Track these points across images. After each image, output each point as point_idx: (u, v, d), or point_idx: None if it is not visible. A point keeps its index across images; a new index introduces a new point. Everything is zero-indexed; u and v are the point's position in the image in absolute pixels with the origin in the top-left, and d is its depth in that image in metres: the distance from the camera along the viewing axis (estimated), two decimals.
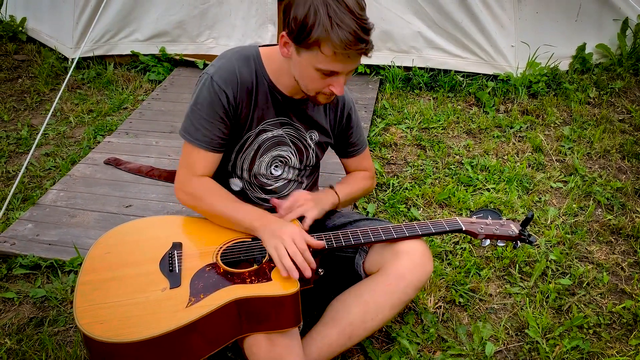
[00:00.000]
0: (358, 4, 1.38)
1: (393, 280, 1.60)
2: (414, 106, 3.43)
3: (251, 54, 1.61)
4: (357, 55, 1.41)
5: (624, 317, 1.98)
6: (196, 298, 1.37)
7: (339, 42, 1.36)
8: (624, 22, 3.74)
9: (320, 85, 1.50)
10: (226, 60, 1.59)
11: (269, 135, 1.68)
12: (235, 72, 1.56)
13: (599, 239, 2.36)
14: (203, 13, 3.75)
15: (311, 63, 1.44)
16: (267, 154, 1.70)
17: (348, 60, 1.42)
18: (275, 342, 1.42)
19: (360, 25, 1.36)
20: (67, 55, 3.94)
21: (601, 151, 2.98)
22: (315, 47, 1.39)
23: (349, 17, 1.35)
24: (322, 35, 1.36)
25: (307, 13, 1.36)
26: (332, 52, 1.38)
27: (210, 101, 1.55)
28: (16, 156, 2.97)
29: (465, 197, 2.58)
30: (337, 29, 1.35)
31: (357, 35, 1.36)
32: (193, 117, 1.58)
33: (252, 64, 1.60)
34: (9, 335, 1.88)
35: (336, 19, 1.34)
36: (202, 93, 1.56)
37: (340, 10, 1.35)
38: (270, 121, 1.66)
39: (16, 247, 2.20)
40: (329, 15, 1.35)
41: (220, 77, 1.55)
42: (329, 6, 1.35)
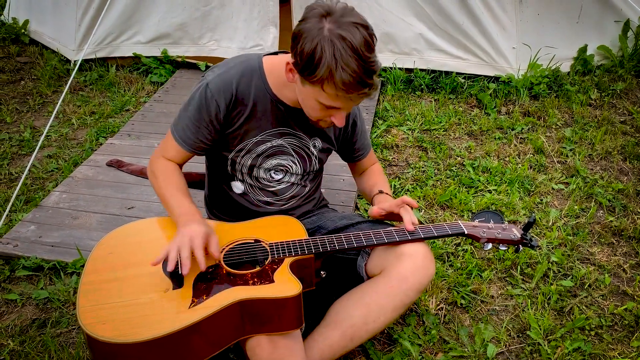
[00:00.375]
0: (366, 44, 1.36)
1: (395, 282, 1.60)
2: (415, 108, 3.43)
3: (254, 66, 1.62)
4: (359, 97, 1.42)
5: (625, 319, 1.98)
6: (199, 299, 1.38)
7: (342, 85, 1.36)
8: (625, 23, 3.74)
9: (322, 115, 1.52)
10: (226, 69, 1.61)
11: (268, 146, 1.69)
12: (231, 83, 1.58)
13: (601, 241, 2.36)
14: (205, 15, 3.76)
15: (314, 96, 1.45)
16: (265, 162, 1.71)
17: (350, 100, 1.43)
18: (277, 344, 1.42)
19: (365, 68, 1.35)
20: (69, 58, 3.95)
21: (603, 153, 2.98)
22: (318, 84, 1.40)
23: (354, 60, 1.34)
24: (326, 75, 1.36)
25: (314, 49, 1.35)
26: (334, 93, 1.39)
27: (200, 106, 1.59)
28: (19, 158, 2.98)
29: (466, 198, 2.58)
30: (341, 71, 1.34)
31: (361, 79, 1.36)
32: (182, 115, 1.64)
33: (253, 76, 1.61)
34: (11, 336, 1.89)
35: (341, 61, 1.33)
36: (195, 96, 1.60)
37: (346, 52, 1.33)
38: (270, 132, 1.67)
39: (19, 249, 2.21)
40: (334, 56, 1.34)
41: (215, 86, 1.58)
42: (335, 47, 1.33)
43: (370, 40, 1.37)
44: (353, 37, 1.34)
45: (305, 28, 1.38)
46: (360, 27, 1.36)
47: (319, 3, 1.42)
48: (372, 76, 1.38)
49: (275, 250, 1.54)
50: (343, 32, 1.34)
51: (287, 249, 1.55)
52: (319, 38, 1.35)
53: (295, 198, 1.82)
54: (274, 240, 1.58)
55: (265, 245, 1.57)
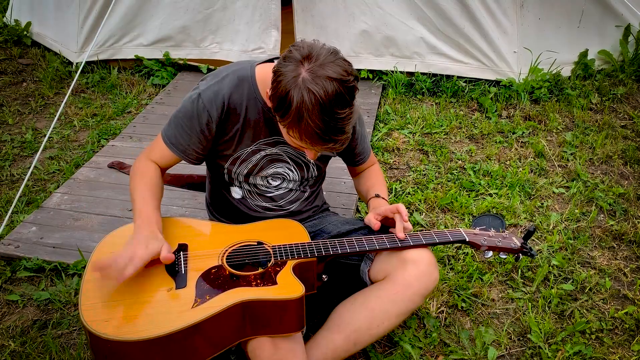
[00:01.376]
0: (337, 99, 1.32)
1: (400, 288, 1.60)
2: (416, 111, 3.44)
3: (246, 76, 1.62)
4: (323, 150, 1.42)
5: (626, 323, 1.98)
6: (202, 299, 1.38)
7: (305, 136, 1.37)
8: (626, 28, 3.75)
9: (295, 146, 1.51)
10: (219, 80, 1.61)
11: (263, 154, 1.69)
12: (223, 94, 1.59)
13: (602, 245, 2.36)
14: (207, 18, 3.77)
15: (285, 130, 1.45)
16: (262, 171, 1.72)
17: (314, 150, 1.45)
18: (278, 346, 1.42)
19: (330, 126, 1.34)
20: (71, 60, 3.96)
21: (603, 157, 2.98)
22: (285, 127, 1.41)
23: (320, 115, 1.32)
24: (291, 123, 1.36)
25: (285, 95, 1.34)
26: (299, 138, 1.40)
27: (191, 115, 1.60)
28: (20, 159, 2.98)
29: (467, 202, 2.59)
30: (306, 124, 1.33)
31: (326, 135, 1.35)
32: (174, 122, 1.65)
33: (245, 87, 1.61)
34: (12, 337, 1.89)
35: (306, 115, 1.32)
36: (186, 104, 1.61)
37: (314, 107, 1.31)
38: (263, 141, 1.67)
39: (20, 250, 2.21)
40: (300, 109, 1.32)
41: (207, 97, 1.58)
42: (303, 99, 1.31)
43: (345, 95, 1.34)
44: (323, 93, 1.30)
45: (282, 71, 1.36)
46: (335, 82, 1.32)
47: (304, 43, 1.40)
48: (338, 132, 1.36)
49: (278, 252, 1.55)
50: (314, 86, 1.31)
51: (290, 251, 1.55)
52: (291, 85, 1.33)
53: (295, 203, 1.82)
54: (277, 243, 1.58)
55: (268, 248, 1.57)
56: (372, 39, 3.63)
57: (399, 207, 1.66)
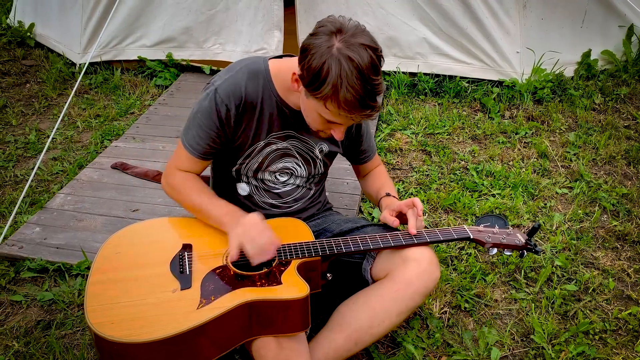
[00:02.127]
0: (373, 66, 1.37)
1: (401, 286, 1.60)
2: (419, 112, 3.44)
3: (260, 69, 1.62)
4: (361, 118, 1.44)
5: (629, 323, 1.98)
6: (207, 300, 1.38)
7: (344, 105, 1.38)
8: (629, 28, 3.74)
9: (322, 127, 1.54)
10: (234, 73, 1.61)
11: (274, 148, 1.69)
12: (240, 87, 1.59)
13: (605, 245, 2.36)
14: (210, 19, 3.77)
15: (316, 109, 1.47)
16: (272, 165, 1.72)
17: (351, 120, 1.46)
18: (283, 346, 1.43)
19: (369, 91, 1.37)
20: (74, 61, 3.97)
21: (606, 157, 2.98)
22: (321, 100, 1.41)
23: (358, 82, 1.35)
24: (330, 93, 1.37)
25: (321, 67, 1.36)
26: (336, 111, 1.41)
27: (210, 112, 1.59)
28: (24, 160, 2.99)
29: (470, 202, 2.58)
30: (345, 91, 1.35)
31: (364, 101, 1.37)
32: (192, 123, 1.64)
33: (260, 79, 1.61)
34: (16, 338, 1.89)
35: (346, 82, 1.34)
36: (204, 103, 1.60)
37: (352, 73, 1.34)
38: (276, 134, 1.68)
39: (24, 251, 2.22)
40: (340, 76, 1.35)
41: (224, 90, 1.58)
42: (342, 67, 1.34)
43: (377, 63, 1.38)
44: (360, 59, 1.34)
45: (314, 43, 1.39)
46: (369, 49, 1.37)
47: (332, 19, 1.43)
48: (376, 98, 1.39)
49: (283, 252, 1.55)
50: (351, 53, 1.34)
51: (294, 251, 1.55)
52: (327, 56, 1.36)
53: (301, 201, 1.82)
54: (281, 242, 1.58)
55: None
56: None
57: (414, 201, 1.66)
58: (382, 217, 1.73)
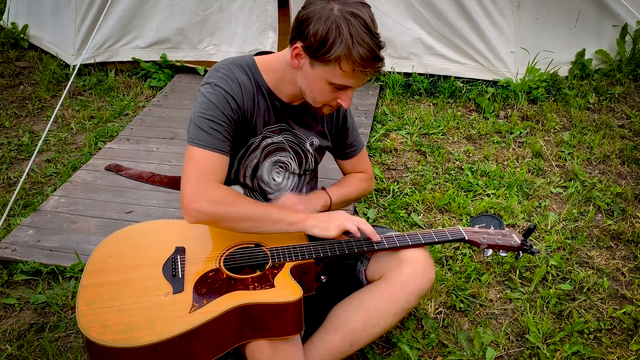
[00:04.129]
0: (373, 21, 1.43)
1: (396, 288, 1.60)
2: (414, 112, 3.44)
3: (247, 63, 1.61)
4: (373, 72, 1.46)
5: (624, 322, 1.98)
6: (199, 304, 1.38)
7: (359, 60, 1.40)
8: (623, 28, 3.75)
9: (329, 98, 1.54)
10: (225, 69, 1.58)
11: (269, 142, 1.68)
12: (237, 79, 1.56)
13: (599, 244, 2.36)
14: (204, 20, 3.76)
15: (325, 77, 1.47)
16: (268, 159, 1.71)
17: (363, 77, 1.47)
18: (277, 349, 1.42)
19: (377, 43, 1.42)
20: (68, 62, 3.96)
21: (601, 156, 2.98)
22: (334, 63, 1.42)
23: (367, 36, 1.39)
24: (344, 52, 1.40)
25: (328, 29, 1.39)
26: (350, 69, 1.43)
27: (218, 105, 1.50)
28: (17, 162, 2.98)
29: (465, 202, 2.58)
30: (358, 46, 1.38)
31: (375, 53, 1.41)
32: (202, 124, 1.50)
33: (249, 73, 1.60)
34: (9, 341, 1.88)
35: (357, 37, 1.38)
36: (207, 99, 1.51)
37: (361, 28, 1.38)
38: (271, 127, 1.67)
39: (17, 253, 2.21)
40: (350, 33, 1.38)
41: (225, 83, 1.54)
42: (350, 24, 1.38)
43: (374, 18, 1.45)
44: (363, 15, 1.40)
45: (313, 11, 1.42)
46: (365, 7, 1.43)
47: None
48: (382, 51, 1.44)
49: (276, 254, 1.54)
50: (355, 10, 1.39)
51: (287, 253, 1.54)
52: (332, 18, 1.39)
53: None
54: (274, 245, 1.58)
55: (265, 250, 1.56)
56: None
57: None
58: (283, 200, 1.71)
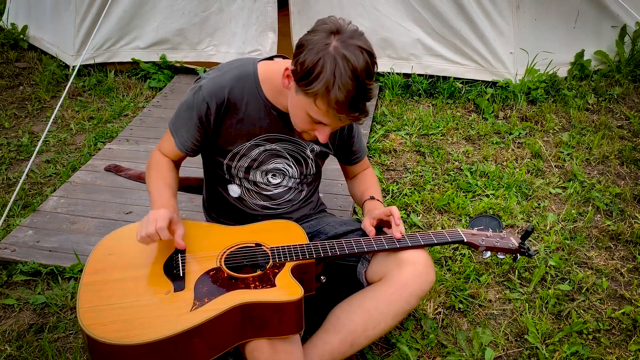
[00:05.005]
0: (367, 70, 1.37)
1: (396, 289, 1.60)
2: (413, 113, 3.44)
3: (248, 72, 1.63)
4: (350, 119, 1.43)
5: (623, 323, 1.98)
6: (200, 302, 1.38)
7: (334, 104, 1.37)
8: (622, 28, 3.76)
9: (307, 127, 1.53)
10: (221, 74, 1.63)
11: (261, 150, 1.70)
12: (224, 88, 1.60)
13: (598, 245, 2.37)
14: (203, 21, 3.77)
15: (304, 107, 1.46)
16: (261, 166, 1.72)
17: (339, 120, 1.44)
18: (277, 348, 1.42)
19: (360, 93, 1.37)
20: (68, 63, 3.96)
21: (600, 157, 2.99)
22: (312, 96, 1.41)
23: (351, 82, 1.35)
24: (321, 90, 1.37)
25: (315, 63, 1.36)
26: (325, 109, 1.41)
27: (191, 107, 1.63)
28: (17, 163, 2.98)
29: (464, 203, 2.59)
30: (337, 90, 1.35)
31: (354, 102, 1.38)
32: (177, 114, 1.69)
33: (247, 82, 1.62)
34: (9, 341, 1.88)
35: (339, 81, 1.35)
36: (188, 96, 1.65)
37: (346, 72, 1.34)
38: (264, 137, 1.68)
39: (16, 254, 2.21)
40: (334, 74, 1.35)
41: (208, 89, 1.60)
42: (337, 65, 1.35)
43: (372, 68, 1.39)
44: (356, 60, 1.35)
45: (311, 40, 1.39)
46: (365, 53, 1.37)
47: (332, 19, 1.43)
48: (366, 102, 1.40)
49: (277, 254, 1.55)
50: (347, 53, 1.35)
51: (288, 253, 1.55)
52: (323, 53, 1.36)
53: (292, 202, 1.82)
54: (275, 245, 1.58)
55: (266, 249, 1.57)
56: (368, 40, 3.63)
57: (392, 210, 1.66)
58: (363, 225, 1.74)
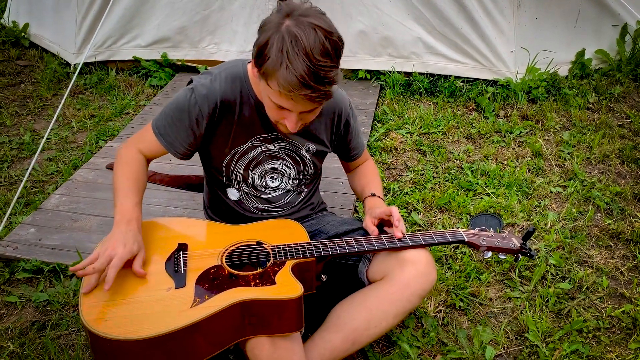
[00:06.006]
0: (321, 48, 1.30)
1: (398, 288, 1.61)
2: (414, 111, 3.45)
3: (238, 72, 1.63)
4: (304, 99, 1.35)
5: (623, 321, 1.99)
6: (201, 299, 1.39)
7: (283, 83, 1.32)
8: (623, 27, 3.76)
9: (276, 116, 1.50)
10: (212, 77, 1.62)
11: (259, 151, 1.70)
12: (216, 91, 1.60)
13: (599, 244, 2.37)
14: (204, 19, 3.77)
15: (265, 92, 1.44)
16: (259, 167, 1.72)
17: (293, 101, 1.37)
18: (277, 345, 1.43)
19: (312, 71, 1.29)
20: (69, 61, 3.96)
21: (600, 156, 2.99)
22: (264, 78, 1.38)
23: (301, 60, 1.28)
24: (269, 69, 1.33)
25: (264, 42, 1.33)
26: (277, 90, 1.36)
27: (182, 108, 1.60)
28: (19, 161, 2.98)
29: (465, 201, 2.59)
30: (284, 69, 1.30)
31: (304, 80, 1.30)
32: (165, 112, 1.64)
33: (238, 84, 1.62)
34: (11, 339, 1.89)
35: (286, 59, 1.29)
36: (179, 97, 1.62)
37: (294, 50, 1.29)
38: (260, 137, 1.68)
39: (19, 252, 2.22)
40: (280, 52, 1.30)
41: (199, 92, 1.59)
42: (284, 42, 1.29)
43: (328, 46, 1.32)
44: (305, 37, 1.29)
45: (266, 20, 1.38)
46: (319, 30, 1.31)
47: (291, 2, 1.39)
48: (321, 81, 1.32)
49: (277, 252, 1.55)
50: (297, 30, 1.30)
51: (289, 251, 1.56)
52: (272, 32, 1.32)
53: (291, 205, 1.83)
54: (276, 243, 1.59)
55: (267, 248, 1.58)
56: (369, 39, 3.64)
57: (392, 210, 1.67)
58: (364, 224, 1.74)
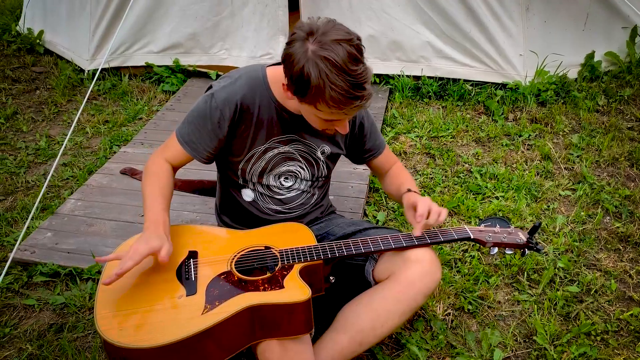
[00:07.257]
0: (351, 58, 1.38)
1: (403, 287, 1.63)
2: (423, 115, 3.47)
3: (258, 77, 1.67)
4: (354, 108, 1.45)
5: (631, 325, 2.00)
6: (212, 305, 1.42)
7: (332, 102, 1.41)
8: (633, 29, 3.75)
9: (324, 126, 1.59)
10: (232, 81, 1.67)
11: (275, 152, 1.74)
12: (236, 94, 1.64)
13: (607, 247, 2.38)
14: (215, 25, 3.82)
15: (312, 112, 1.52)
16: (275, 169, 1.76)
17: (345, 114, 1.48)
18: (287, 348, 1.46)
19: (353, 83, 1.39)
20: (83, 67, 4.03)
21: (610, 159, 2.99)
22: (311, 104, 1.46)
23: (341, 78, 1.37)
24: (316, 96, 1.42)
25: (300, 73, 1.40)
26: (328, 110, 1.45)
27: (204, 114, 1.65)
28: (35, 166, 3.05)
29: (474, 205, 2.61)
30: (330, 90, 1.38)
31: (351, 94, 1.40)
32: (187, 120, 1.70)
33: (257, 87, 1.66)
34: (30, 341, 1.94)
35: (328, 81, 1.38)
36: (200, 104, 1.67)
37: (331, 71, 1.37)
38: (277, 139, 1.72)
39: (36, 256, 2.27)
40: (320, 77, 1.38)
41: (220, 96, 1.64)
42: (319, 68, 1.37)
43: (355, 52, 1.39)
44: (336, 55, 1.37)
45: (291, 51, 1.43)
46: (343, 43, 1.38)
47: (300, 24, 1.46)
48: (363, 87, 1.41)
49: (285, 256, 1.59)
50: (325, 52, 1.37)
51: (296, 255, 1.59)
52: (304, 61, 1.39)
53: (304, 206, 1.86)
54: (284, 247, 1.62)
55: (275, 252, 1.61)
56: (378, 43, 3.67)
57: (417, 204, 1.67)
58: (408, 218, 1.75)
